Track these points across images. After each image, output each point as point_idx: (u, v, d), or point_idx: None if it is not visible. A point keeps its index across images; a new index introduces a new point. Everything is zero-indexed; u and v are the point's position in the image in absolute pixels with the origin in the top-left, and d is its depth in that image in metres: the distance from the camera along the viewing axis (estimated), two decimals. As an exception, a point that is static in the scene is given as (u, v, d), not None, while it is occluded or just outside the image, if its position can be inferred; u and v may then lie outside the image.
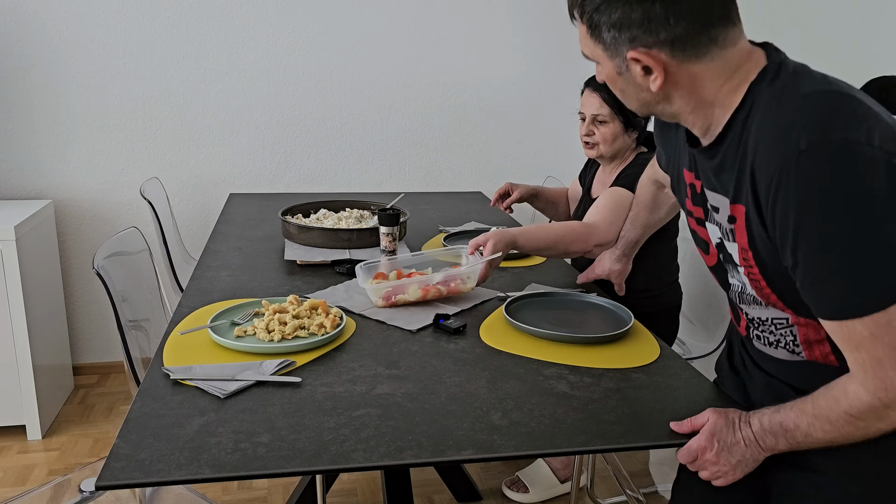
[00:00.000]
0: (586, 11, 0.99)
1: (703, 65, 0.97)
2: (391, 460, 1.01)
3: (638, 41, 0.96)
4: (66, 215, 2.77)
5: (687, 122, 1.06)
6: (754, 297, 1.10)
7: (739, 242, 1.02)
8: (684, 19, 0.94)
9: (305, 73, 2.84)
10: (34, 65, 2.62)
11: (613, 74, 1.03)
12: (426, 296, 1.60)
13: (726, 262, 1.11)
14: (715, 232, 1.10)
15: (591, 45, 1.02)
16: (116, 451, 1.00)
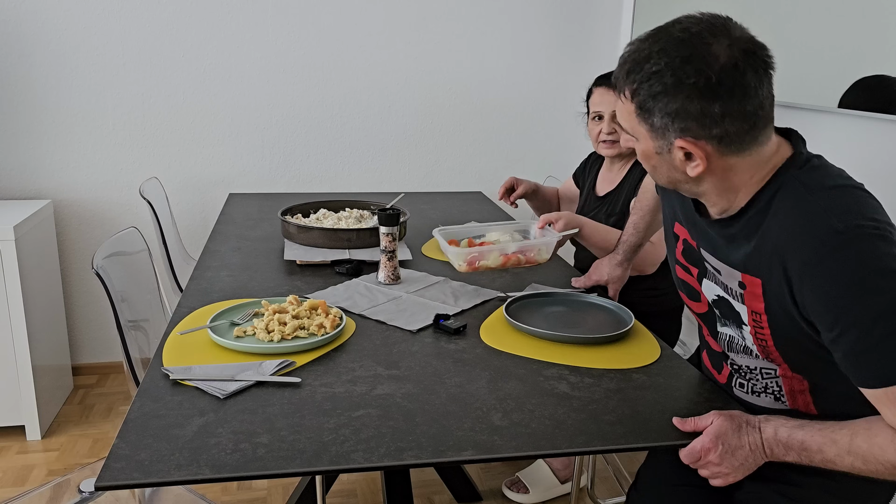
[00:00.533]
0: (640, 94, 1.02)
1: (741, 158, 1.02)
2: (391, 461, 1.00)
3: (689, 132, 1.00)
4: (66, 215, 2.77)
5: (707, 202, 1.11)
6: (746, 348, 1.17)
7: (751, 306, 1.09)
8: (737, 120, 0.98)
9: (305, 73, 2.84)
10: (34, 65, 2.62)
11: (651, 152, 1.07)
12: (506, 263, 1.69)
13: (724, 316, 1.18)
14: (713, 289, 1.18)
15: (635, 122, 1.05)
16: (116, 452, 1.00)
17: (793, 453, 1.04)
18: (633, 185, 1.92)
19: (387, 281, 1.73)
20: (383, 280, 1.73)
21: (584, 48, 3.05)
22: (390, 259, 1.72)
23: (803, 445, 1.03)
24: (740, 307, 1.12)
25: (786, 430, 1.05)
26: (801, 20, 1.98)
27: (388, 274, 1.73)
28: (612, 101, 1.91)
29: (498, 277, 1.83)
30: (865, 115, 1.75)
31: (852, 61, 1.81)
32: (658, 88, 0.99)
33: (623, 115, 1.08)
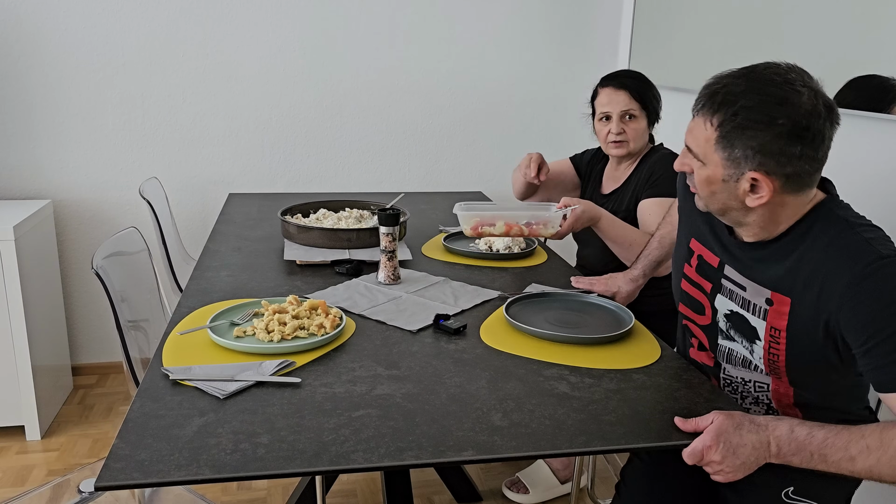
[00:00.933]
0: (727, 126, 1.10)
1: (795, 197, 1.14)
2: (391, 461, 1.00)
3: (765, 167, 1.09)
4: (65, 215, 2.77)
5: (745, 229, 1.20)
6: (746, 361, 1.27)
7: (772, 322, 1.18)
8: (809, 164, 1.09)
9: (305, 73, 2.84)
10: (33, 64, 2.62)
11: (717, 178, 1.14)
12: (509, 231, 1.79)
13: (734, 330, 1.26)
14: (726, 304, 1.27)
15: (711, 149, 1.13)
16: (116, 452, 0.99)
17: (804, 454, 1.05)
18: (639, 183, 1.92)
19: (387, 281, 1.73)
20: (383, 280, 1.73)
21: (585, 48, 3.05)
22: (390, 259, 1.72)
23: (825, 442, 1.04)
24: (759, 323, 1.21)
25: (804, 428, 1.06)
26: (796, 20, 1.98)
27: (388, 274, 1.73)
28: (621, 101, 1.91)
29: (498, 277, 1.83)
30: (857, 114, 1.75)
31: (845, 61, 1.81)
32: (747, 123, 1.08)
33: (699, 140, 1.15)
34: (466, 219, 1.80)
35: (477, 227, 1.80)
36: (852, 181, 1.82)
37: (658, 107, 1.96)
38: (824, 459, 1.05)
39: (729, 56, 2.30)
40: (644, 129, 1.94)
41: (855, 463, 1.04)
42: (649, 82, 1.96)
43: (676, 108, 2.58)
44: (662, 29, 2.71)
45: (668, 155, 1.92)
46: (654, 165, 1.89)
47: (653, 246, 1.73)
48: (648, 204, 1.87)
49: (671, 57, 2.65)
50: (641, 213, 1.89)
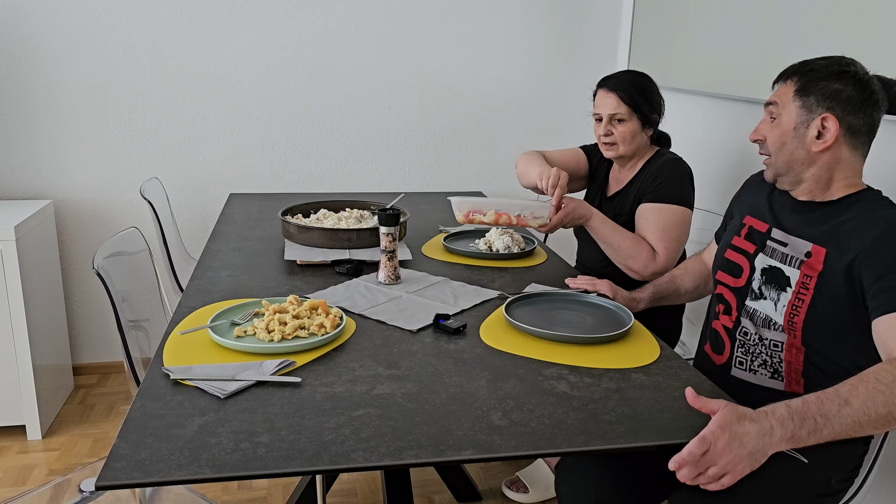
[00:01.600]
0: (803, 78, 1.35)
1: (851, 155, 1.34)
2: (391, 460, 1.01)
3: (833, 111, 1.31)
4: (66, 215, 2.78)
5: (801, 187, 1.40)
6: (766, 319, 1.42)
7: (805, 271, 1.35)
8: (867, 118, 1.32)
9: (305, 73, 2.84)
10: (34, 65, 2.62)
11: (790, 127, 1.36)
12: (498, 220, 1.86)
13: (768, 283, 1.42)
14: (765, 261, 1.44)
15: (790, 100, 1.36)
16: (116, 451, 1.00)
17: (809, 422, 1.06)
18: (643, 187, 1.91)
19: (387, 281, 1.73)
20: (383, 280, 1.73)
21: (584, 48, 3.05)
22: (390, 259, 1.73)
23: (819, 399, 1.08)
24: (793, 273, 1.37)
25: (796, 400, 1.09)
26: (801, 20, 1.98)
27: (388, 274, 1.73)
28: (610, 104, 1.91)
29: (498, 277, 1.83)
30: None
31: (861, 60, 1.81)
32: (824, 74, 1.32)
33: (781, 95, 1.38)
34: (459, 205, 1.90)
35: (468, 213, 1.89)
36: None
37: (652, 110, 1.92)
38: (827, 418, 1.06)
39: (729, 56, 2.30)
40: (633, 132, 1.92)
41: (851, 404, 1.07)
42: (645, 85, 1.93)
43: (676, 108, 2.58)
44: (662, 29, 2.72)
45: (672, 160, 1.91)
46: (658, 170, 1.89)
47: (664, 279, 1.78)
48: (647, 208, 1.87)
49: (671, 57, 2.65)
50: (638, 215, 1.89)
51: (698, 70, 2.48)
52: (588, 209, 1.85)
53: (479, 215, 1.88)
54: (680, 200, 1.85)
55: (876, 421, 1.08)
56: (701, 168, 2.35)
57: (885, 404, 1.07)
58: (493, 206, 1.88)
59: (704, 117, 2.51)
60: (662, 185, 1.86)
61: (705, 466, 1.05)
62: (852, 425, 1.07)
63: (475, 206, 1.89)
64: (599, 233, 1.85)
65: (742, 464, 1.04)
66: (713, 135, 2.46)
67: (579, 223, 1.86)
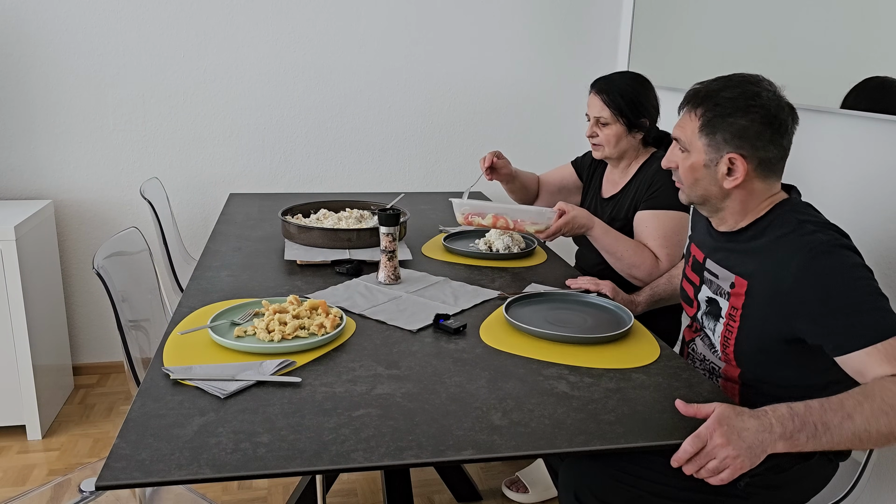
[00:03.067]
0: (709, 114, 1.29)
1: (764, 185, 1.31)
2: (391, 460, 1.01)
3: (740, 149, 1.28)
4: (66, 215, 2.78)
5: (721, 218, 1.37)
6: (711, 344, 1.43)
7: (732, 303, 1.35)
8: (777, 150, 1.28)
9: (305, 73, 2.84)
10: (34, 65, 2.62)
11: (699, 165, 1.32)
12: (496, 223, 1.88)
13: (707, 314, 1.43)
14: (706, 293, 1.44)
15: (696, 136, 1.31)
16: (116, 451, 1.00)
17: (809, 427, 1.06)
18: (639, 192, 1.90)
19: (387, 281, 1.73)
20: (383, 280, 1.73)
21: (584, 48, 3.05)
22: (390, 259, 1.73)
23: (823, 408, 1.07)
24: (724, 303, 1.38)
25: (799, 403, 1.09)
26: (803, 20, 1.98)
27: (388, 274, 1.73)
28: (595, 106, 1.93)
29: (498, 277, 1.83)
30: (868, 116, 1.75)
31: (854, 62, 1.81)
32: (727, 111, 1.27)
33: (685, 131, 1.33)
34: (459, 207, 1.91)
35: (468, 216, 1.90)
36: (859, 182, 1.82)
37: (639, 115, 1.90)
38: (828, 427, 1.06)
39: (728, 56, 2.30)
40: (617, 135, 1.92)
41: (854, 420, 1.06)
42: (635, 89, 1.91)
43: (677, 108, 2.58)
44: (662, 29, 2.72)
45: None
46: (654, 175, 1.89)
47: (662, 280, 1.79)
48: (646, 216, 1.87)
49: (671, 57, 2.65)
50: (637, 223, 1.89)
51: (698, 70, 2.48)
52: (589, 219, 1.83)
53: (479, 218, 1.89)
54: (677, 206, 1.84)
55: (876, 439, 1.08)
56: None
57: (887, 425, 1.07)
58: (492, 209, 1.88)
59: (704, 117, 2.50)
60: (659, 191, 1.85)
61: (706, 460, 1.06)
62: (851, 439, 1.08)
63: (475, 209, 1.90)
64: (601, 242, 1.84)
65: (741, 458, 1.04)
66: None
67: (580, 232, 1.84)
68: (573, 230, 1.83)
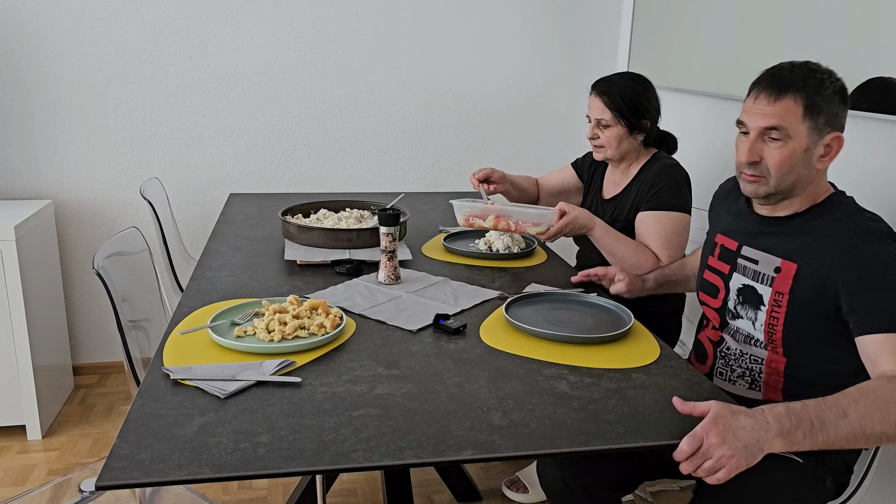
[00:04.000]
0: (809, 97, 1.28)
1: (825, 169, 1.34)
2: (391, 460, 1.01)
3: (837, 129, 1.30)
4: (66, 215, 2.77)
5: (786, 202, 1.36)
6: (748, 336, 1.42)
7: (777, 287, 1.35)
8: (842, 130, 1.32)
9: (305, 73, 2.84)
10: (34, 65, 2.62)
11: (800, 149, 1.29)
12: (497, 225, 1.87)
13: (743, 303, 1.42)
14: (740, 280, 1.43)
15: (798, 120, 1.29)
16: (116, 451, 1.00)
17: (805, 424, 1.06)
18: (640, 192, 1.90)
19: (387, 281, 1.73)
20: (383, 280, 1.73)
21: (584, 48, 3.05)
22: (390, 259, 1.73)
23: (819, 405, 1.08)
24: (765, 290, 1.37)
25: (796, 403, 1.09)
26: (805, 20, 1.98)
27: (388, 274, 1.73)
28: (596, 108, 1.93)
29: (498, 277, 1.83)
30: (870, 117, 1.74)
31: (857, 62, 1.81)
32: (828, 93, 1.28)
33: (786, 116, 1.29)
34: (460, 209, 1.91)
35: (469, 217, 1.90)
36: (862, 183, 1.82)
37: (640, 116, 1.91)
38: (824, 424, 1.07)
39: (729, 56, 2.30)
40: (618, 137, 1.92)
41: (849, 416, 1.08)
42: (636, 91, 1.91)
43: (677, 108, 2.58)
44: (662, 29, 2.72)
45: (668, 166, 1.90)
46: (655, 176, 1.89)
47: (674, 265, 1.80)
48: (647, 216, 1.87)
49: (671, 57, 2.65)
50: (639, 224, 1.89)
51: (698, 70, 2.48)
52: (590, 219, 1.83)
53: (480, 220, 1.90)
54: (679, 207, 1.85)
55: (870, 437, 1.09)
56: (701, 168, 2.35)
57: (881, 422, 1.08)
58: (493, 211, 1.88)
59: (704, 117, 2.51)
60: (660, 192, 1.86)
61: (702, 460, 1.05)
62: (847, 437, 1.08)
63: (476, 211, 1.90)
64: (603, 243, 1.84)
65: (737, 458, 1.04)
66: (713, 135, 2.46)
67: (581, 233, 1.84)
68: (574, 230, 1.83)
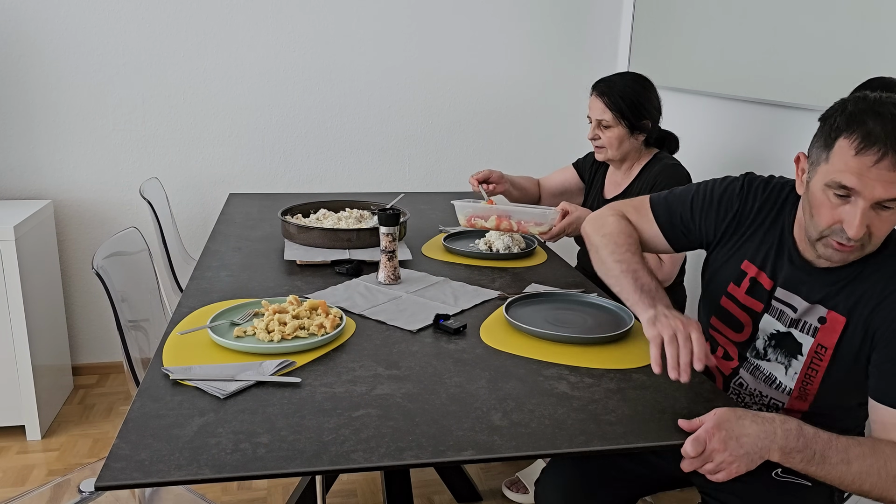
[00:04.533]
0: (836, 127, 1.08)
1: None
2: (391, 461, 1.01)
3: None
4: (66, 215, 2.77)
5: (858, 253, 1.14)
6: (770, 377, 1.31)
7: (820, 340, 1.22)
8: None
9: (305, 73, 2.84)
10: (33, 64, 2.62)
11: None
12: (499, 226, 1.88)
13: (775, 348, 1.29)
14: (773, 325, 1.29)
15: None
16: (116, 452, 1.00)
17: (808, 451, 1.06)
18: (642, 192, 1.90)
19: (387, 281, 1.73)
20: (383, 280, 1.73)
21: (584, 48, 3.05)
22: (390, 259, 1.72)
23: (829, 443, 1.07)
24: (805, 340, 1.24)
25: (811, 427, 1.08)
26: (805, 20, 1.98)
27: (388, 274, 1.73)
28: (597, 109, 1.94)
29: (498, 277, 1.83)
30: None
31: (857, 62, 1.81)
32: None
33: None
34: (461, 210, 1.92)
35: (471, 218, 1.91)
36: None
37: (641, 117, 1.91)
38: (825, 460, 1.06)
39: (729, 56, 2.30)
40: (619, 138, 1.92)
41: (850, 467, 1.06)
42: (637, 91, 1.91)
43: (676, 108, 2.58)
44: (662, 29, 2.71)
45: (670, 167, 1.90)
46: (657, 176, 1.89)
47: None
48: None
49: (671, 57, 2.65)
50: None
51: (698, 70, 2.48)
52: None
53: (482, 221, 1.90)
54: None
55: (856, 489, 1.09)
56: (701, 168, 2.35)
57: (872, 485, 1.07)
58: (495, 211, 1.88)
59: (704, 117, 2.51)
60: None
61: (702, 463, 1.06)
62: (836, 480, 1.08)
63: (477, 212, 1.90)
64: None
65: (737, 463, 1.05)
66: (714, 135, 2.46)
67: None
68: (577, 230, 1.83)
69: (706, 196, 1.38)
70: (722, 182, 1.39)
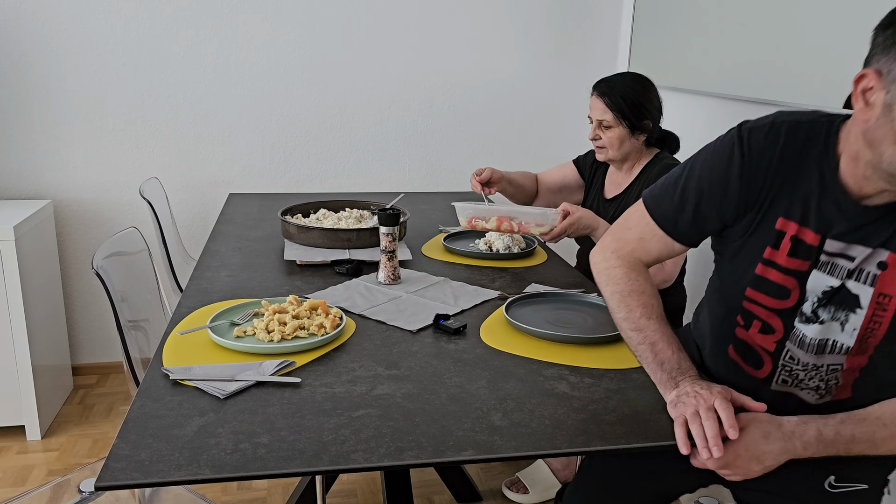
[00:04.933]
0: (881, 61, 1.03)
1: None
2: (391, 461, 1.00)
3: None
4: (66, 215, 2.77)
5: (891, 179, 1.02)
6: (821, 343, 1.16)
7: (881, 289, 1.09)
8: None
9: (305, 73, 2.84)
10: (33, 64, 2.62)
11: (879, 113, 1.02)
12: (500, 227, 1.88)
13: (824, 305, 1.14)
14: (825, 281, 1.13)
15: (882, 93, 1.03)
16: (116, 452, 0.99)
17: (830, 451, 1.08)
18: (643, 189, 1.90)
19: (387, 281, 1.73)
20: (383, 280, 1.73)
21: (585, 48, 3.05)
22: (390, 259, 1.72)
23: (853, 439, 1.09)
24: (863, 290, 1.10)
25: (830, 428, 1.09)
26: (805, 20, 1.98)
27: (388, 274, 1.73)
28: (598, 109, 1.92)
29: (498, 277, 1.83)
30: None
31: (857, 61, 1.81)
32: None
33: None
34: (462, 211, 1.91)
35: (472, 219, 1.90)
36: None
37: (642, 117, 1.90)
38: (849, 452, 1.09)
39: (729, 56, 2.30)
40: (620, 138, 1.91)
41: (878, 449, 1.09)
42: (638, 91, 1.91)
43: (676, 108, 2.58)
44: (662, 29, 2.71)
45: (671, 166, 1.90)
46: (658, 177, 1.88)
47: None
48: None
49: (671, 57, 2.65)
50: None
51: (698, 70, 2.48)
52: (594, 219, 1.84)
53: (482, 222, 1.90)
54: None
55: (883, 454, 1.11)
56: (701, 168, 2.35)
57: None
58: (495, 212, 1.88)
59: (705, 117, 2.50)
60: None
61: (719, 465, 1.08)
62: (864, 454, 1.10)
63: (478, 213, 1.90)
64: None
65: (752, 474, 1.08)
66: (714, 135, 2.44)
67: (585, 233, 1.85)
68: (578, 231, 1.83)
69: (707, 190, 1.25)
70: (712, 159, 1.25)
